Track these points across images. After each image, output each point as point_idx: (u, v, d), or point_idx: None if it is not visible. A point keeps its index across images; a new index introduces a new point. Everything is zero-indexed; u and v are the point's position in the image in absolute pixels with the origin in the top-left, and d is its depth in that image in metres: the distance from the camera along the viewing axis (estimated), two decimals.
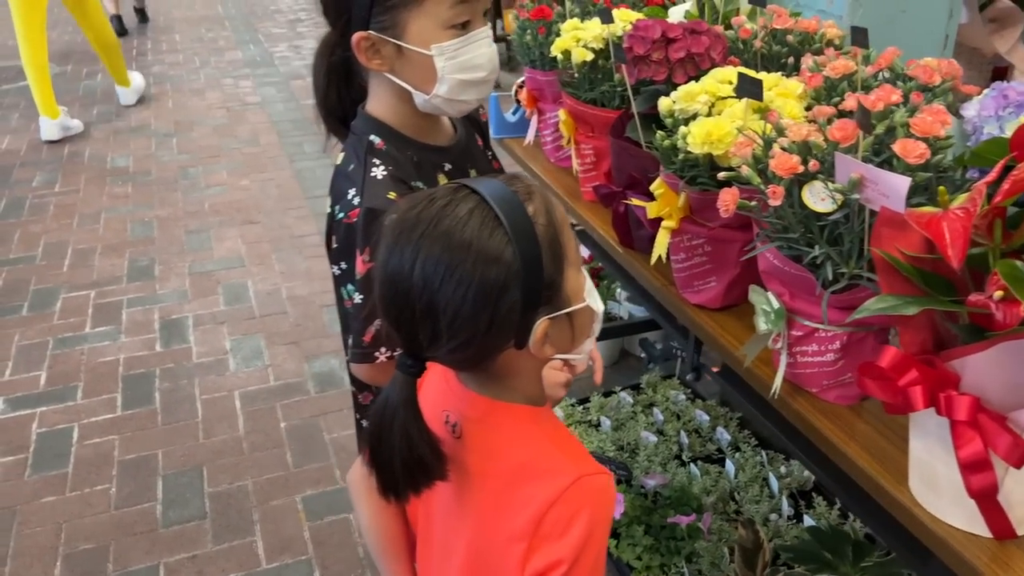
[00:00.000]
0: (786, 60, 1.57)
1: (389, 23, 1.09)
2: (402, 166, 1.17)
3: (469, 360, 0.86)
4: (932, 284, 0.94)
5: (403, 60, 1.13)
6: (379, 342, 1.14)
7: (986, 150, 1.02)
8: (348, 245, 1.12)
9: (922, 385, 0.89)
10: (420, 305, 0.79)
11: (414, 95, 1.15)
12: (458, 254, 0.78)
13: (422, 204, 0.82)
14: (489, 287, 0.78)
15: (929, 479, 1.00)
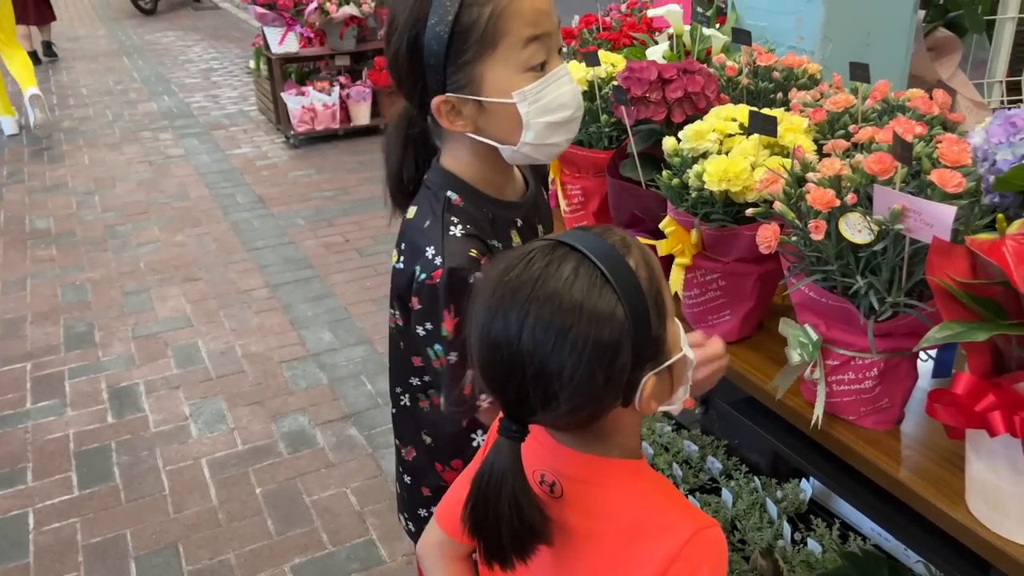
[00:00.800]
0: (773, 96, 1.61)
1: (465, 80, 1.05)
2: (479, 224, 1.13)
3: (579, 422, 0.84)
4: (986, 308, 0.97)
5: (486, 115, 1.08)
6: (480, 389, 1.11)
7: (1015, 176, 1.06)
8: (433, 306, 1.08)
9: (1000, 409, 0.91)
10: (531, 370, 0.77)
11: (501, 149, 1.11)
12: (569, 316, 0.76)
13: (520, 265, 0.79)
14: (604, 348, 0.76)
15: (994, 499, 1.02)
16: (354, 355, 3.22)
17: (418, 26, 1.02)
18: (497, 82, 1.05)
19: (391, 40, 1.06)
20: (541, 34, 1.04)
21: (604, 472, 0.86)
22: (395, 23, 1.05)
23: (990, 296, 0.98)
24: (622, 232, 0.85)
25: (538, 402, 0.79)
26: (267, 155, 5.71)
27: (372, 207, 4.74)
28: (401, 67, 1.06)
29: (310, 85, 5.80)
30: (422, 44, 1.02)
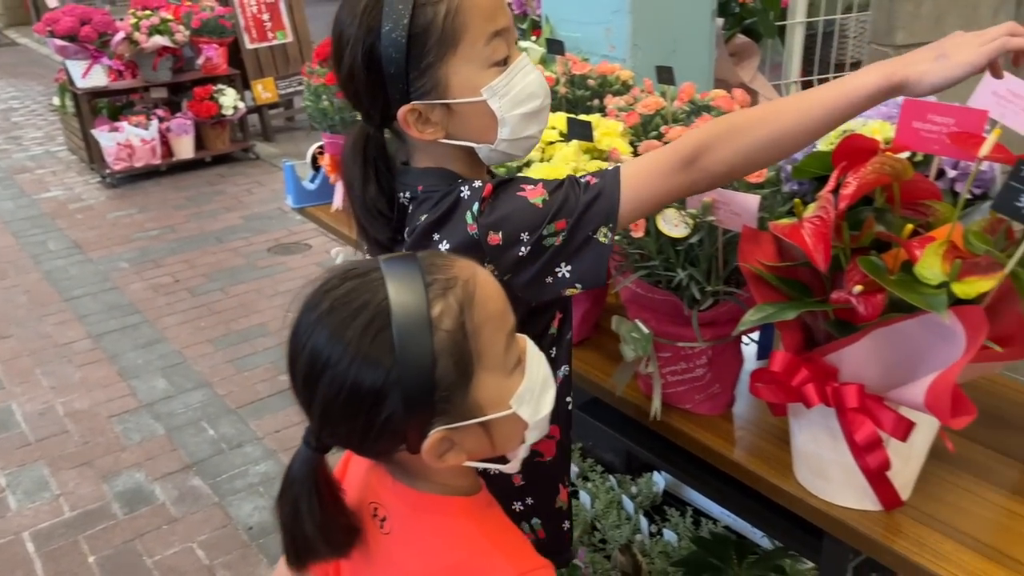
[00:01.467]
0: (590, 103, 1.66)
1: (430, 85, 0.98)
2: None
3: (361, 453, 0.82)
4: (794, 288, 1.03)
5: (457, 118, 1.01)
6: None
7: (808, 164, 1.13)
8: (506, 206, 0.96)
9: (813, 382, 0.97)
10: (303, 389, 0.76)
11: (478, 150, 1.03)
12: (337, 351, 0.73)
13: (336, 279, 0.77)
14: (363, 393, 0.73)
15: (817, 468, 1.08)
16: (192, 401, 3.03)
17: (371, 36, 0.96)
18: (464, 82, 0.98)
19: (342, 58, 0.99)
20: (502, 29, 1.00)
21: (429, 509, 0.83)
22: (343, 39, 0.98)
23: (797, 277, 1.04)
24: (459, 272, 0.78)
25: (315, 422, 0.77)
26: (81, 197, 5.32)
27: (202, 243, 4.51)
28: (358, 83, 0.99)
29: (124, 120, 5.45)
30: (379, 54, 0.96)
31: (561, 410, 1.08)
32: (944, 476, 1.11)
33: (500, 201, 0.97)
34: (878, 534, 1.03)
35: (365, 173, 1.04)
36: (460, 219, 0.97)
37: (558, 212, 0.95)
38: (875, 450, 0.97)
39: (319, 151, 2.13)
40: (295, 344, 0.77)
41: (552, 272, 0.97)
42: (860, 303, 0.94)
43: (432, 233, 0.99)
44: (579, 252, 0.96)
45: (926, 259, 0.90)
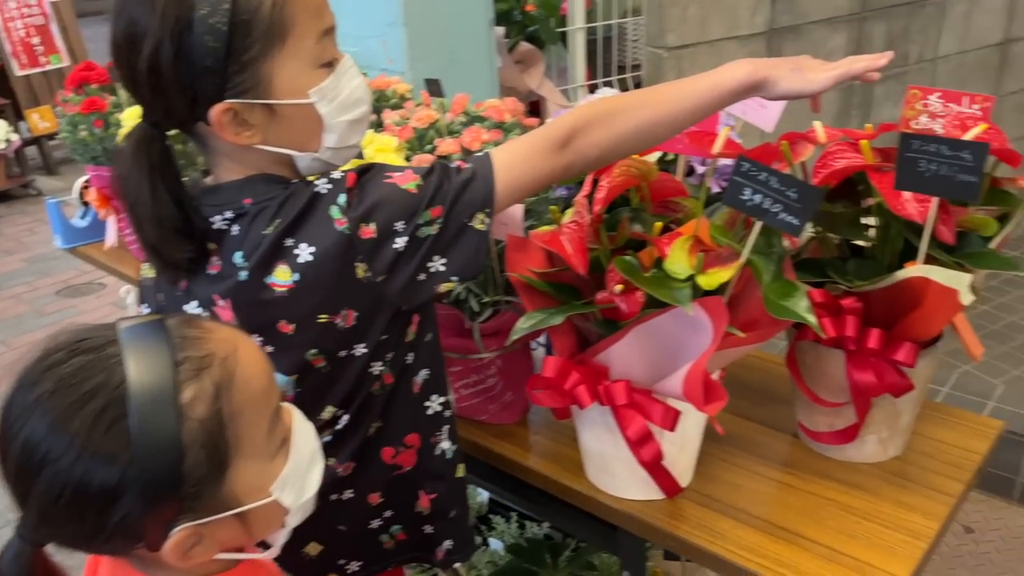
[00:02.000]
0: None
1: (251, 82, 0.86)
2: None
3: (90, 552, 0.72)
4: (563, 293, 1.04)
5: (279, 121, 0.90)
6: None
7: None
8: (375, 191, 0.88)
9: (585, 384, 0.98)
10: (15, 481, 0.65)
11: (298, 159, 0.93)
12: (60, 444, 0.63)
13: (62, 353, 0.66)
14: (92, 493, 0.63)
15: (602, 465, 1.11)
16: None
17: (180, 23, 0.82)
18: (290, 81, 0.88)
19: (138, 51, 0.83)
20: (330, 27, 0.91)
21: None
22: (138, 29, 0.83)
23: (567, 281, 1.06)
24: (218, 342, 0.70)
25: (32, 516, 0.66)
26: None
27: None
28: (159, 79, 0.84)
29: None
30: (191, 43, 0.83)
31: (420, 417, 1.03)
32: (721, 457, 1.17)
33: (368, 190, 0.88)
34: (662, 522, 1.07)
35: (153, 183, 0.89)
36: (323, 216, 0.87)
37: (433, 198, 0.89)
38: (648, 442, 1.00)
39: (85, 185, 1.97)
40: (7, 429, 0.65)
41: (425, 268, 0.90)
42: (622, 301, 0.97)
43: (285, 239, 0.87)
44: (455, 242, 0.90)
45: (673, 255, 0.94)
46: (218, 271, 0.92)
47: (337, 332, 0.90)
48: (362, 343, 0.92)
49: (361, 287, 0.88)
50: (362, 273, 0.87)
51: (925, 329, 1.01)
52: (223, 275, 0.91)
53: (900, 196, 0.97)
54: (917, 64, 3.34)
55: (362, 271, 0.87)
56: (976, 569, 2.04)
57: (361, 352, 0.92)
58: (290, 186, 0.91)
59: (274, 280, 0.88)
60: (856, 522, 1.04)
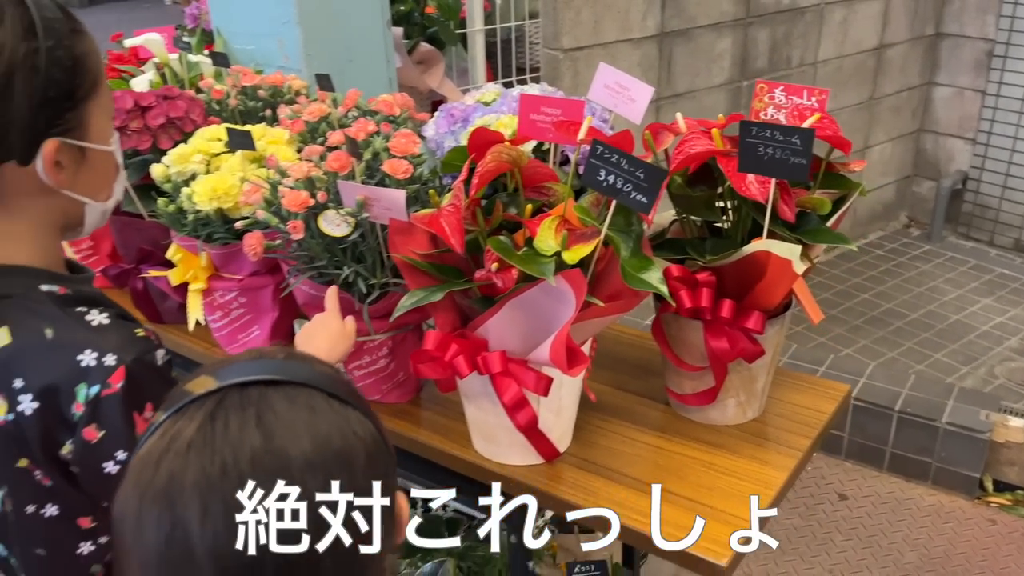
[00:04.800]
0: (263, 113, 1.66)
1: (75, 122, 0.85)
2: (104, 301, 0.91)
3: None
4: (446, 273, 1.11)
5: (85, 167, 0.88)
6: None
7: (452, 158, 1.23)
8: (123, 421, 0.83)
9: (463, 354, 1.06)
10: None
11: (89, 209, 0.91)
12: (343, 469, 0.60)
13: (216, 446, 0.59)
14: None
15: (486, 433, 1.19)
16: None
17: (29, 47, 0.80)
18: (100, 127, 0.89)
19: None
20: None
21: None
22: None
23: (449, 263, 1.13)
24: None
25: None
26: None
27: None
28: (6, 103, 0.80)
29: None
30: (39, 71, 0.80)
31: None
32: (599, 424, 1.26)
33: (116, 414, 0.82)
34: (541, 483, 1.15)
35: None
36: (68, 376, 0.82)
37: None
38: (523, 407, 1.08)
39: None
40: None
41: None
42: (497, 278, 1.04)
43: (15, 378, 0.81)
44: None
45: (541, 234, 1.02)
46: None
47: (37, 484, 0.85)
48: (55, 506, 0.86)
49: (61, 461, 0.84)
50: (65, 453, 0.84)
51: (770, 298, 1.12)
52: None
53: (744, 178, 1.07)
54: (799, 67, 3.55)
55: (66, 451, 0.83)
56: (849, 532, 2.20)
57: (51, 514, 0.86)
58: (33, 296, 0.85)
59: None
60: (716, 476, 1.15)
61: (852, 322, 3.18)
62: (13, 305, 0.84)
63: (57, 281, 0.88)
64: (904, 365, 2.84)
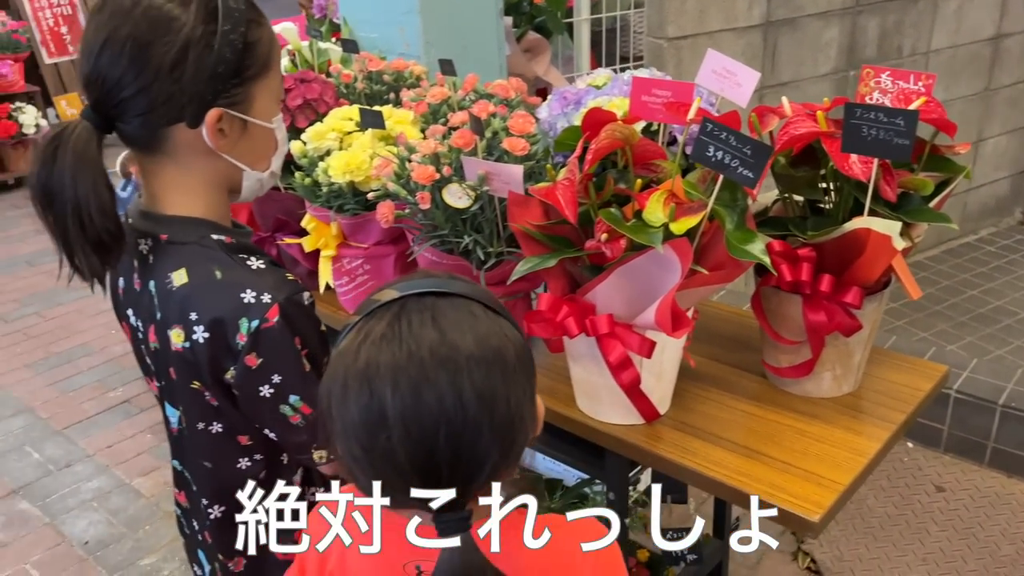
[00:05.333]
0: (387, 96, 1.79)
1: (241, 97, 0.97)
2: (260, 252, 1.04)
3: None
4: (557, 243, 1.21)
5: (246, 138, 1.01)
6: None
7: (565, 137, 1.32)
8: (280, 350, 0.95)
9: (573, 316, 1.15)
10: (485, 434, 0.72)
11: (247, 175, 1.04)
12: (501, 365, 0.74)
13: (401, 334, 0.74)
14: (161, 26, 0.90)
15: (589, 393, 1.27)
16: (13, 427, 2.91)
17: (207, 30, 0.92)
18: (264, 106, 1.01)
19: (163, 38, 0.90)
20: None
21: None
22: (167, 20, 0.91)
23: (561, 233, 1.23)
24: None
25: (489, 469, 0.73)
26: None
27: (11, 268, 4.28)
28: (180, 71, 0.92)
29: None
30: (213, 48, 0.93)
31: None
32: (697, 392, 1.33)
33: (277, 338, 0.95)
34: (641, 441, 1.23)
35: (98, 187, 0.91)
36: (232, 324, 0.93)
37: (312, 399, 0.97)
38: (627, 368, 1.16)
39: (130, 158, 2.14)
40: (441, 413, 0.71)
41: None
42: (606, 248, 1.13)
43: (190, 312, 0.94)
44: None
45: (650, 206, 1.10)
46: (140, 288, 1.01)
47: (206, 404, 1.00)
48: (219, 424, 1.01)
49: (225, 385, 0.98)
50: (228, 377, 0.97)
51: (869, 273, 1.17)
52: (145, 296, 1.00)
53: (847, 158, 1.12)
54: (910, 57, 3.48)
55: (229, 375, 0.96)
56: (945, 524, 2.19)
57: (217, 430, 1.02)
58: (207, 243, 0.98)
59: (171, 336, 0.97)
60: (809, 443, 1.20)
61: (958, 318, 3.11)
62: (190, 250, 0.98)
63: (224, 232, 1.02)
64: (1012, 363, 2.78)
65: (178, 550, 2.27)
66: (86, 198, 0.90)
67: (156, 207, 1.01)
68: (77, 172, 0.90)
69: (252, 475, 1.04)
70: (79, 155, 0.90)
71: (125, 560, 2.24)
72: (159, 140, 0.96)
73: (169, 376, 1.01)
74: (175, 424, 1.06)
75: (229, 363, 0.95)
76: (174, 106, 0.93)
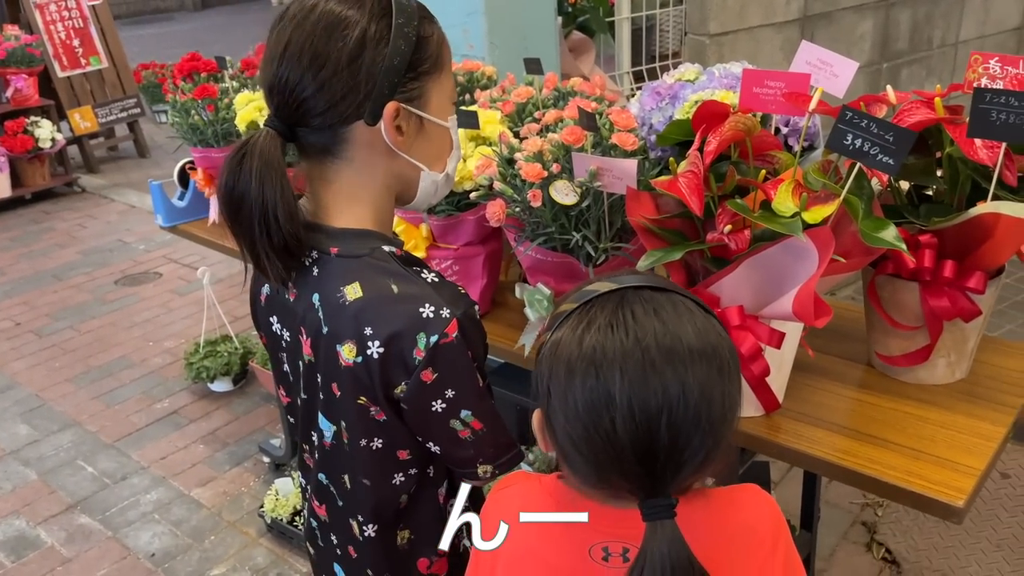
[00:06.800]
0: (461, 97, 1.79)
1: (417, 93, 0.96)
2: (426, 264, 1.02)
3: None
4: (672, 236, 1.21)
5: (422, 136, 0.99)
6: (511, 446, 1.03)
7: (670, 132, 1.32)
8: (457, 364, 0.93)
9: None
10: (702, 424, 0.74)
11: (424, 176, 1.01)
12: (718, 356, 0.76)
13: (625, 325, 0.76)
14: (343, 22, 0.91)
15: None
16: (62, 442, 2.90)
17: (383, 23, 0.92)
18: (439, 104, 0.99)
19: (338, 34, 0.91)
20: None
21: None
22: (342, 17, 0.91)
23: (674, 227, 1.23)
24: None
25: (700, 460, 0.74)
26: None
27: (39, 283, 4.26)
28: (357, 64, 0.91)
29: None
30: (389, 41, 0.92)
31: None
32: (807, 383, 1.33)
33: (455, 353, 0.93)
34: (763, 432, 1.23)
35: (285, 192, 0.91)
36: (410, 337, 0.92)
37: (482, 414, 0.97)
38: (757, 359, 1.16)
39: (189, 167, 2.13)
40: (665, 404, 0.73)
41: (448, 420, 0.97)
42: (731, 240, 1.13)
43: (364, 327, 0.92)
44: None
45: (780, 196, 1.10)
46: (295, 299, 1.00)
47: (371, 420, 0.97)
48: (381, 439, 0.99)
49: (394, 400, 0.96)
50: (398, 392, 0.94)
51: (995, 258, 1.17)
52: (302, 308, 0.99)
53: (973, 143, 1.13)
54: (940, 48, 3.50)
55: (399, 391, 0.94)
56: (1015, 509, 2.20)
57: (378, 446, 0.99)
58: (379, 255, 0.96)
59: (340, 351, 0.94)
60: (934, 430, 1.20)
61: None
62: (363, 264, 0.95)
63: (393, 243, 1.00)
64: None
65: (247, 560, 2.26)
66: (273, 203, 0.90)
67: (325, 218, 0.99)
68: (264, 178, 0.90)
69: (405, 490, 1.02)
70: (265, 161, 0.90)
71: (194, 572, 2.22)
72: (338, 143, 0.95)
73: (331, 391, 0.98)
74: (329, 438, 1.03)
75: (402, 378, 0.93)
76: (352, 102, 0.92)
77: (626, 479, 0.74)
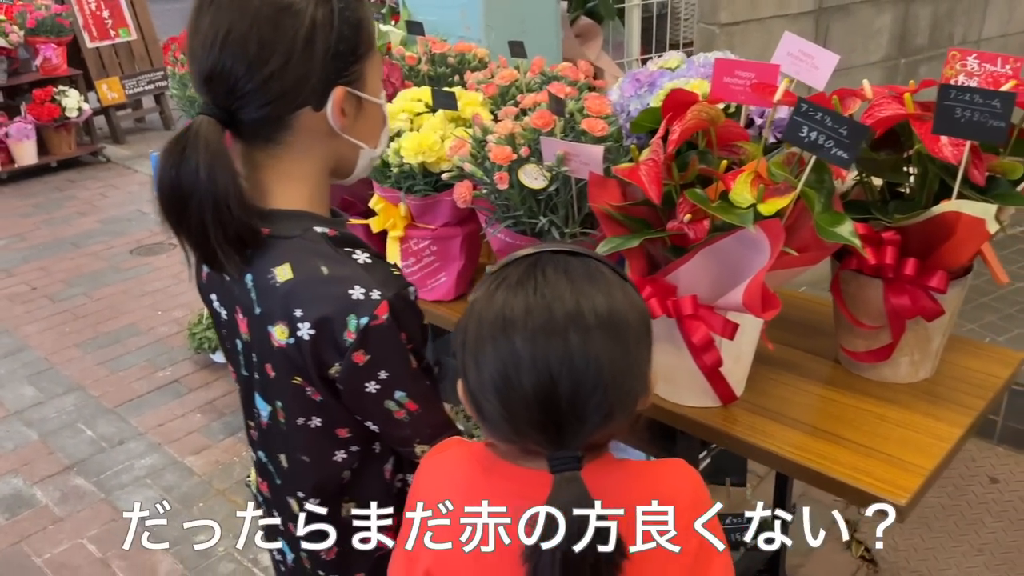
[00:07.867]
0: (451, 79, 1.80)
1: (357, 75, 0.97)
2: (362, 242, 1.01)
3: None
4: (635, 223, 1.21)
5: (361, 116, 1.00)
6: (448, 426, 1.06)
7: (642, 119, 1.31)
8: (388, 346, 0.94)
9: (655, 297, 1.15)
10: (604, 382, 0.77)
11: (362, 154, 1.03)
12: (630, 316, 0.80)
13: (535, 285, 0.80)
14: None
15: (666, 375, 1.27)
16: (65, 405, 2.97)
17: (326, 7, 0.91)
18: (373, 84, 1.00)
19: (292, 20, 0.90)
20: None
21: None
22: (291, 6, 0.90)
23: (638, 215, 1.22)
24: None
25: (600, 419, 0.78)
26: None
27: (57, 250, 4.34)
28: (311, 48, 0.91)
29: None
30: (335, 26, 0.92)
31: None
32: (770, 376, 1.33)
33: (383, 343, 0.93)
34: (719, 424, 1.23)
35: (236, 180, 0.89)
36: (340, 320, 0.91)
37: (417, 395, 0.99)
38: (709, 349, 1.16)
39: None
40: (568, 364, 0.76)
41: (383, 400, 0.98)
42: (689, 229, 1.13)
43: (294, 308, 0.91)
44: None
45: (737, 187, 1.09)
46: (230, 279, 0.98)
47: (307, 399, 0.97)
48: (319, 418, 0.99)
49: (328, 380, 0.95)
50: (332, 372, 0.94)
51: (956, 258, 1.16)
52: (237, 288, 0.98)
53: (938, 140, 1.11)
54: (961, 46, 3.43)
55: (334, 371, 0.94)
56: (1000, 515, 2.18)
57: (316, 424, 1.00)
58: (310, 237, 0.95)
59: (272, 332, 0.93)
60: (890, 428, 1.20)
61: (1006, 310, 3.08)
62: (294, 245, 0.94)
63: (326, 224, 0.98)
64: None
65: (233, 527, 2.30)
66: (226, 194, 0.87)
67: (259, 200, 0.97)
68: (214, 169, 0.87)
69: (347, 466, 1.03)
70: (213, 152, 0.87)
71: (180, 537, 2.27)
72: (281, 129, 0.95)
73: (265, 371, 0.98)
74: (265, 418, 1.03)
75: (335, 359, 0.93)
76: (301, 90, 0.92)
77: (534, 429, 0.78)
